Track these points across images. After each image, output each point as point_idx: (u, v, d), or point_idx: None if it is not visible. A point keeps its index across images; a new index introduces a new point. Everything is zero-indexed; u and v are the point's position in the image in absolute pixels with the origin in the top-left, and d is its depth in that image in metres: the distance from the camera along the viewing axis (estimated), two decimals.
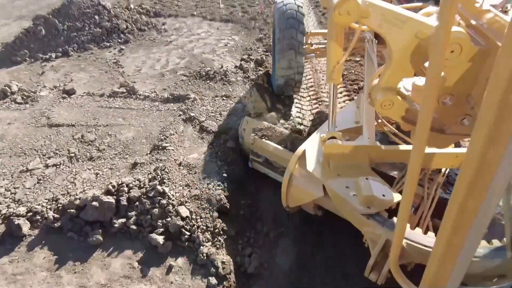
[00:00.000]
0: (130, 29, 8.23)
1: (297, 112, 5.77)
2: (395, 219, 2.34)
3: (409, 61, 2.02)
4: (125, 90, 5.77)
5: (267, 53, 7.39)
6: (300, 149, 3.11)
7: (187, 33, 8.48)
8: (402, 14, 1.92)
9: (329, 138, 2.73)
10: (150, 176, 3.79)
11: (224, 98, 5.61)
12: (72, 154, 4.36)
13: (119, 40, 7.90)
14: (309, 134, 4.58)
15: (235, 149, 4.40)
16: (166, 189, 3.57)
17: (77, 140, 4.64)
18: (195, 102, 5.38)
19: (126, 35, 8.02)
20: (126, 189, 3.58)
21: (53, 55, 7.15)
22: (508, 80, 0.82)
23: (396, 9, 1.95)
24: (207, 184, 3.85)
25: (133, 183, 3.68)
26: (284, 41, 4.93)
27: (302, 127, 5.22)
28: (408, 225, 2.22)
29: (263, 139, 3.81)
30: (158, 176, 3.76)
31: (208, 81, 6.07)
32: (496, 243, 2.09)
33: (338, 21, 1.97)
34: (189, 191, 3.73)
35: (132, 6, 9.46)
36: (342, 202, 2.61)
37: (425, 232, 2.37)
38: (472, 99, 2.17)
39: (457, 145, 3.72)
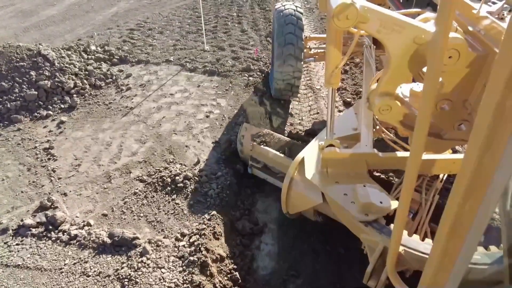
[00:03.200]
0: (79, 88, 5.94)
1: None
2: (392, 226, 2.33)
3: (407, 67, 2.03)
4: (43, 219, 3.64)
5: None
6: (299, 156, 3.11)
7: (157, 94, 5.97)
8: (400, 20, 1.93)
9: (327, 146, 2.74)
10: None
11: (193, 245, 3.29)
12: None
13: (62, 106, 5.61)
14: None
15: None
16: None
17: None
18: (145, 257, 3.23)
19: (72, 97, 5.77)
20: None
21: None
22: (505, 86, 0.82)
23: (394, 14, 1.96)
24: None
25: None
26: (282, 45, 4.94)
27: None
28: (405, 232, 2.22)
29: (262, 146, 3.81)
30: None
31: (174, 196, 3.91)
32: (493, 249, 2.08)
33: (337, 26, 1.98)
34: None
35: (93, 47, 7.26)
36: (340, 209, 2.61)
37: (423, 238, 2.36)
38: (469, 105, 2.17)
39: (454, 151, 3.73)
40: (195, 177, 4.11)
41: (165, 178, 4.09)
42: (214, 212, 3.65)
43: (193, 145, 4.76)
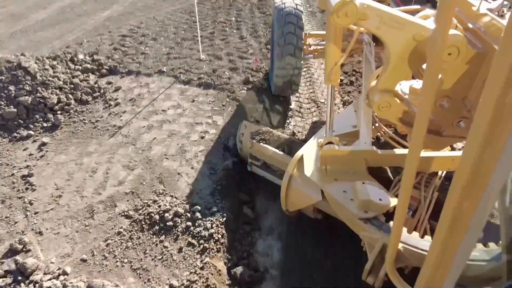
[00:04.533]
0: (64, 104, 5.36)
1: None
2: (392, 223, 2.34)
3: (406, 63, 2.03)
4: (12, 267, 3.14)
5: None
6: (298, 154, 3.11)
7: (148, 110, 5.39)
8: (400, 17, 1.92)
9: (326, 143, 2.74)
10: None
11: None
12: None
13: (44, 125, 5.06)
14: None
15: None
16: None
17: None
18: None
19: (56, 114, 5.19)
20: None
21: None
22: (504, 83, 0.82)
23: (393, 11, 1.96)
24: None
25: None
26: (282, 43, 4.93)
27: None
28: (405, 229, 2.23)
29: (261, 143, 3.81)
30: None
31: (162, 237, 3.44)
32: (492, 246, 2.09)
33: (336, 23, 1.98)
34: None
35: (81, 56, 6.65)
36: (339, 207, 2.61)
37: (422, 235, 2.37)
38: (468, 102, 2.18)
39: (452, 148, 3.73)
40: (187, 213, 3.57)
41: (153, 215, 3.56)
42: (207, 260, 3.19)
43: (185, 172, 4.18)
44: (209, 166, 4.29)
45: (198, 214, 3.54)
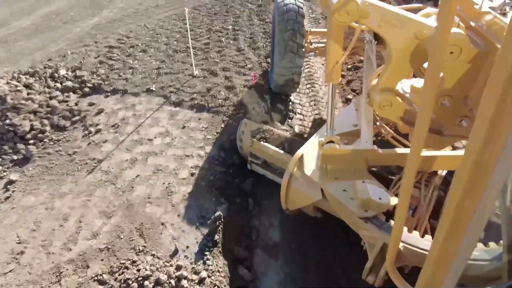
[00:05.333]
0: (38, 131, 4.72)
1: None
2: (392, 222, 2.34)
3: (408, 62, 2.02)
4: None
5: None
6: (298, 153, 3.11)
7: (132, 139, 4.75)
8: (401, 15, 1.92)
9: (327, 142, 2.74)
10: None
11: None
12: None
13: (14, 157, 4.46)
14: None
15: None
16: None
17: None
18: None
19: (28, 145, 4.60)
20: None
21: None
22: (506, 82, 0.81)
23: (395, 10, 1.95)
24: None
25: None
26: (283, 41, 4.91)
27: None
28: (405, 228, 2.22)
29: (262, 142, 3.81)
30: None
31: None
32: (493, 245, 2.09)
33: (338, 21, 1.97)
34: None
35: (62, 72, 6.00)
36: (340, 206, 2.61)
37: (423, 235, 2.37)
38: (470, 101, 2.17)
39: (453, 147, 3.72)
40: (170, 280, 2.95)
41: (130, 282, 2.96)
42: None
43: (171, 222, 3.55)
44: (198, 214, 3.64)
45: (184, 283, 2.93)
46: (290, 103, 5.67)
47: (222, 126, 4.92)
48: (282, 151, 3.60)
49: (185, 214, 3.65)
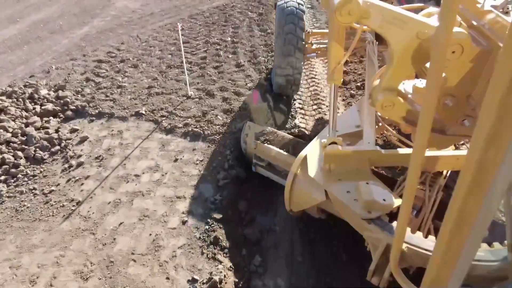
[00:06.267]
0: (10, 165, 4.19)
1: None
2: (396, 223, 2.33)
3: (410, 62, 2.01)
4: None
5: None
6: (301, 154, 3.12)
7: (117, 174, 4.23)
8: (403, 15, 1.91)
9: (329, 143, 2.73)
10: None
11: None
12: None
13: None
14: None
15: None
16: None
17: None
18: None
19: None
20: None
21: None
22: (509, 81, 0.81)
23: (396, 9, 1.95)
24: None
25: None
26: (284, 42, 4.93)
27: None
28: (409, 229, 2.21)
29: (266, 144, 3.83)
30: None
31: None
32: (497, 246, 2.07)
33: (339, 22, 1.96)
34: None
35: (43, 92, 5.44)
36: (343, 207, 2.61)
37: (427, 235, 2.35)
38: (473, 100, 2.16)
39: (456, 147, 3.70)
40: None
41: None
42: None
43: None
44: (190, 276, 3.09)
45: None
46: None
47: (220, 158, 4.35)
48: (285, 153, 3.61)
49: (174, 277, 3.10)
